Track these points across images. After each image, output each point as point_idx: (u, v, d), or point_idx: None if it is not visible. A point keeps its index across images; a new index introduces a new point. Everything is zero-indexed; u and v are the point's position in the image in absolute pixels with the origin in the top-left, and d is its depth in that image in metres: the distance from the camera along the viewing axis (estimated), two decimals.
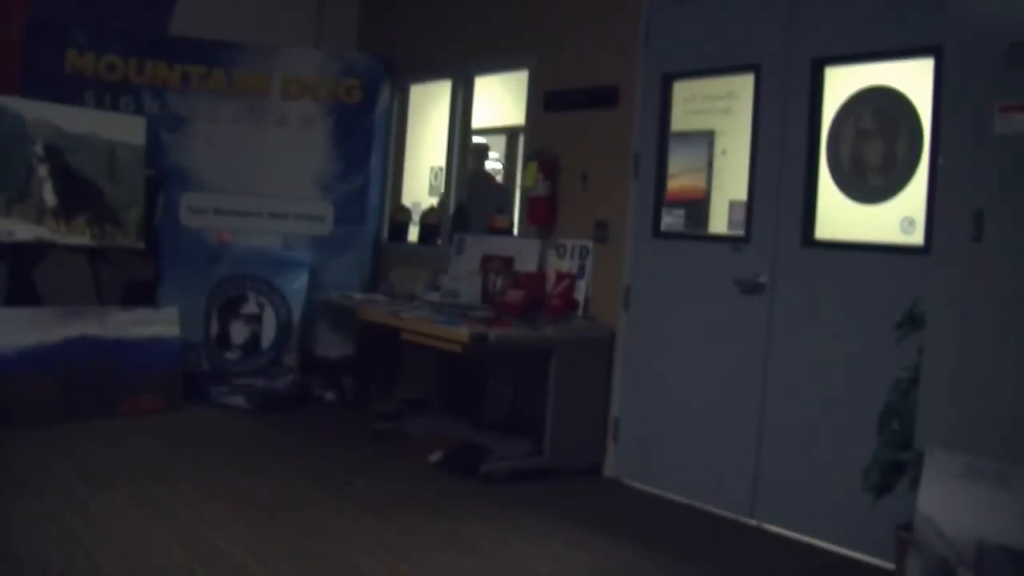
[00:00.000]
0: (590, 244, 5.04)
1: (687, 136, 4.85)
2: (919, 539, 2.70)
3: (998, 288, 2.68)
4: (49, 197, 5.47)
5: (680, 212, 4.87)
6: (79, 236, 5.58)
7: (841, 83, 4.01)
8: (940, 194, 2.90)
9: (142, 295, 5.92)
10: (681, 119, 4.78)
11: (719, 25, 4.48)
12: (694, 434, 4.43)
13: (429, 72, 6.53)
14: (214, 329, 6.01)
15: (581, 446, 4.78)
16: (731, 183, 4.70)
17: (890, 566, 3.31)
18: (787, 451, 4.04)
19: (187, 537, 3.49)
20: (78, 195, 5.57)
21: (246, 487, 4.20)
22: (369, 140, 6.51)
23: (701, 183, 4.89)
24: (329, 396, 6.21)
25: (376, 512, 3.96)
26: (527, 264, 5.33)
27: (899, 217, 3.84)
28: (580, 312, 5.01)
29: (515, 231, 5.81)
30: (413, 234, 6.62)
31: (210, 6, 6.37)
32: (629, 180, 4.86)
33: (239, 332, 6.00)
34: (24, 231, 5.36)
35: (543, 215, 5.28)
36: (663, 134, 4.76)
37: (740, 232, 4.38)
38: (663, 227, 4.76)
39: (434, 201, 6.71)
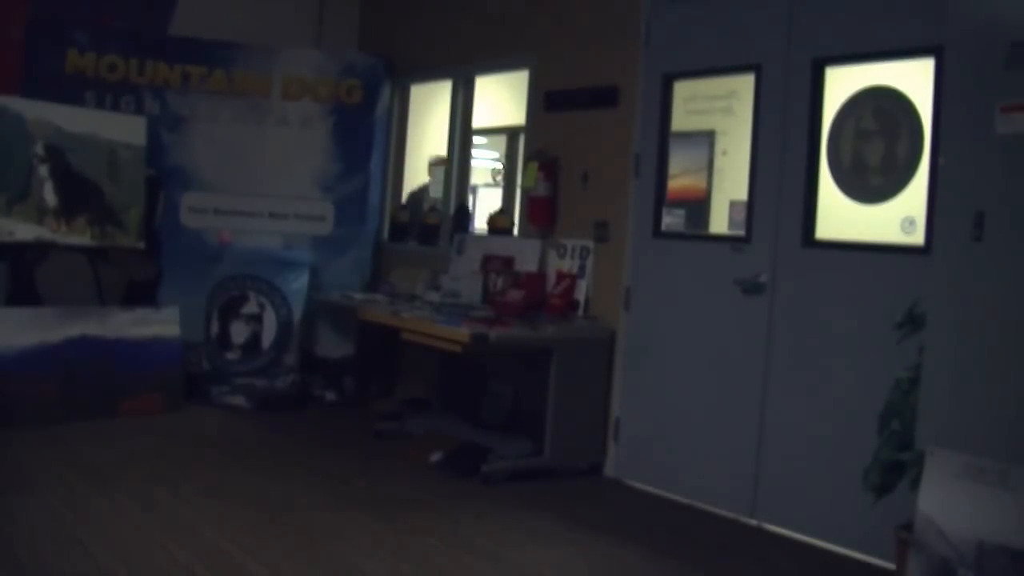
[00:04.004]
0: (590, 244, 5.04)
1: (687, 136, 4.85)
2: (919, 539, 2.70)
3: (998, 288, 2.68)
4: (50, 197, 5.47)
5: (680, 212, 4.88)
6: (79, 236, 5.59)
7: (841, 83, 4.01)
8: (940, 194, 2.90)
9: (143, 295, 5.92)
10: (681, 119, 4.78)
11: (719, 25, 4.48)
12: (694, 434, 4.43)
13: (429, 72, 6.53)
14: (214, 329, 6.01)
15: (581, 446, 4.78)
16: (731, 183, 4.70)
17: (890, 566, 3.31)
18: (787, 451, 4.04)
19: (187, 537, 3.49)
20: (79, 195, 5.57)
21: (246, 487, 4.20)
22: (369, 140, 6.51)
23: (701, 183, 4.90)
24: (329, 396, 6.22)
25: (376, 512, 3.96)
26: (527, 264, 5.33)
27: (899, 217, 3.85)
28: (580, 312, 5.01)
29: (515, 231, 5.81)
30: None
31: (210, 6, 6.37)
32: (629, 180, 4.86)
33: (239, 332, 6.00)
34: (24, 231, 5.37)
35: (543, 215, 5.28)
36: (663, 134, 4.75)
37: (740, 232, 4.38)
38: (663, 227, 4.76)
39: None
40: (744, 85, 4.41)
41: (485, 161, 9.54)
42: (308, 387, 6.14)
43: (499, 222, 5.89)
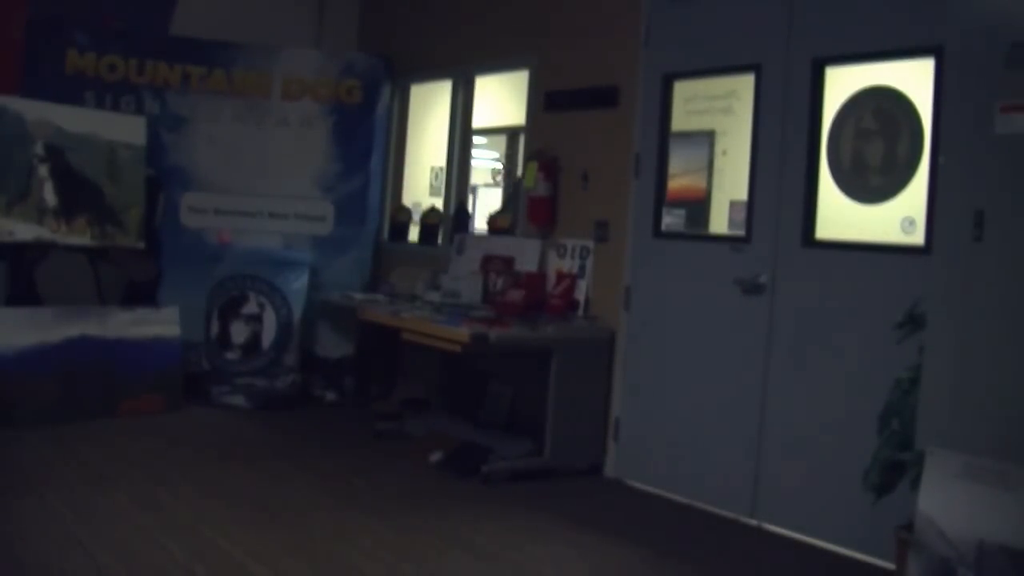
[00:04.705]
0: (590, 244, 5.04)
1: (687, 136, 4.85)
2: (919, 539, 2.70)
3: (998, 288, 2.68)
4: (50, 197, 5.47)
5: (680, 212, 4.87)
6: (79, 236, 5.59)
7: (841, 83, 4.01)
8: (940, 194, 2.90)
9: (143, 295, 5.92)
10: (681, 119, 4.78)
11: (719, 25, 4.48)
12: (694, 434, 4.43)
13: (429, 72, 6.53)
14: (215, 329, 6.01)
15: (581, 446, 4.78)
16: (731, 183, 4.70)
17: (890, 566, 3.31)
18: (787, 451, 4.04)
19: (187, 537, 3.49)
20: (79, 195, 5.57)
21: (247, 487, 4.20)
22: (369, 140, 6.51)
23: (701, 183, 4.90)
24: (329, 396, 6.22)
25: (376, 512, 3.96)
26: (528, 264, 5.33)
27: (899, 217, 3.84)
28: (580, 312, 5.01)
29: (516, 231, 5.81)
30: (413, 234, 6.62)
31: (210, 6, 6.38)
32: (629, 180, 4.86)
33: (240, 332, 6.00)
34: (24, 231, 5.37)
35: (543, 215, 5.28)
36: (663, 134, 4.75)
37: (740, 232, 4.38)
38: (663, 227, 4.76)
39: (435, 201, 6.70)
40: (744, 85, 4.41)
41: (485, 161, 9.55)
42: (308, 387, 6.15)
43: (499, 222, 5.89)
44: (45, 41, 5.87)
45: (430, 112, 6.84)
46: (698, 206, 4.91)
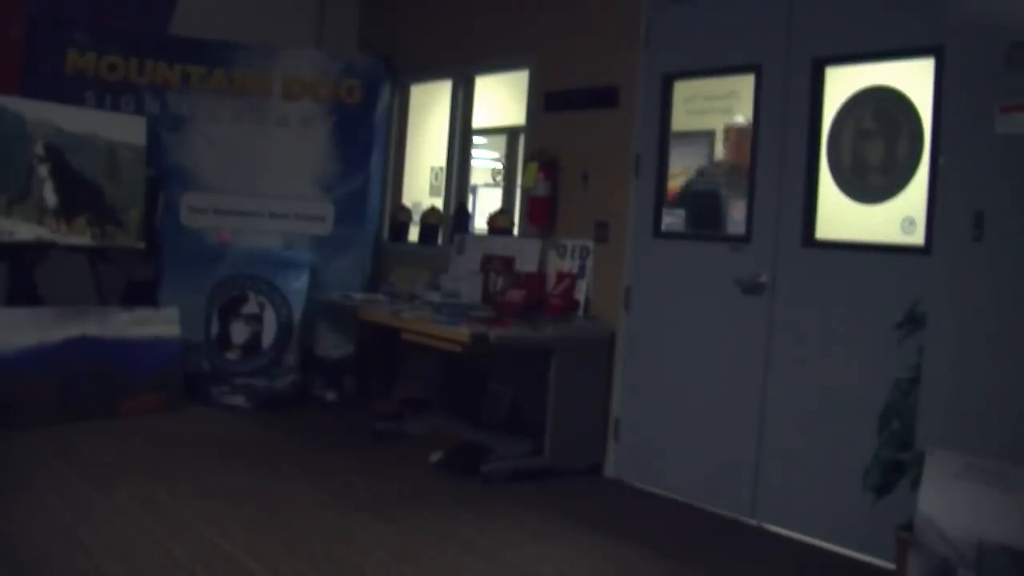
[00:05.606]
0: (591, 244, 5.04)
1: (687, 136, 4.85)
2: (919, 539, 2.71)
3: (998, 288, 2.68)
4: (49, 197, 5.47)
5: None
6: (79, 236, 5.59)
7: (841, 83, 4.01)
8: (940, 194, 2.91)
9: (142, 295, 5.92)
10: (681, 119, 4.78)
11: (719, 25, 4.48)
12: (694, 434, 4.43)
13: (429, 72, 6.53)
14: (215, 329, 6.01)
15: (581, 446, 4.78)
16: None
17: (890, 566, 3.31)
18: (787, 451, 4.04)
19: (187, 537, 3.49)
20: (78, 195, 5.57)
21: (246, 487, 4.20)
22: (369, 140, 6.51)
23: None
24: (329, 396, 6.22)
25: (377, 512, 3.96)
26: (528, 264, 5.33)
27: (899, 217, 3.84)
28: (581, 312, 5.01)
29: (516, 231, 5.81)
30: (413, 234, 6.63)
31: (210, 6, 6.37)
32: (629, 180, 4.86)
33: (240, 332, 6.00)
34: (24, 231, 5.37)
35: (543, 215, 5.28)
36: (663, 134, 4.75)
37: (740, 232, 4.38)
38: (663, 227, 4.76)
39: (435, 201, 6.70)
40: (744, 85, 4.42)
41: (485, 161, 9.56)
42: (308, 387, 6.14)
43: (499, 222, 5.89)
44: (45, 41, 5.87)
45: (430, 112, 6.84)
46: None
